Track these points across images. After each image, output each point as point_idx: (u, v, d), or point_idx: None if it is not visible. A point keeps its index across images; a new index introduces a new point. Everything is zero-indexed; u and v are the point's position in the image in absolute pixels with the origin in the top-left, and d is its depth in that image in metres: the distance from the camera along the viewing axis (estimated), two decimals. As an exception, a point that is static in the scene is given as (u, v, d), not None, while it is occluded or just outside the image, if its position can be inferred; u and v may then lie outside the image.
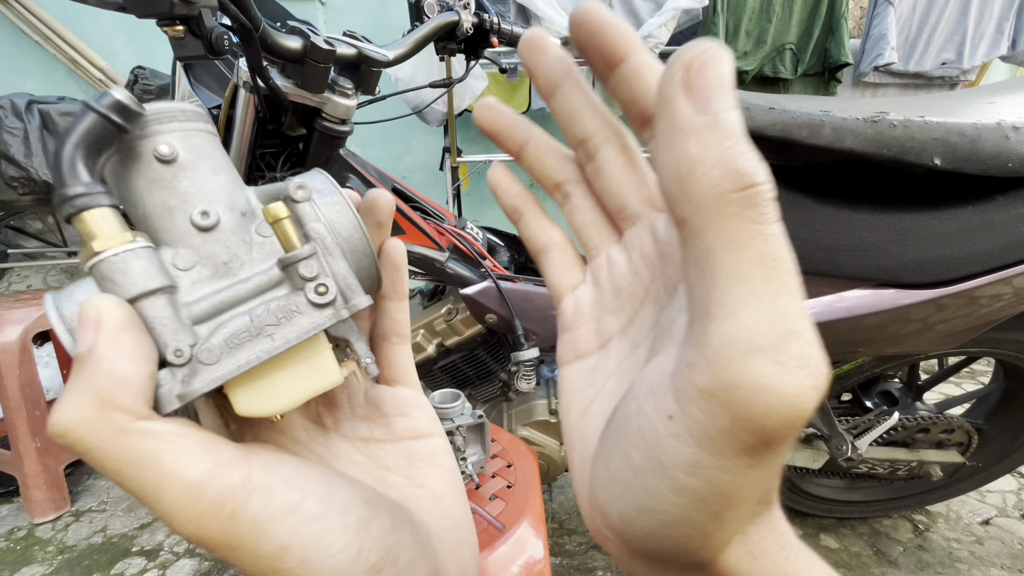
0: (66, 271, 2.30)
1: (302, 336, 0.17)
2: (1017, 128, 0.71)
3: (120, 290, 0.15)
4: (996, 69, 2.54)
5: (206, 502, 0.14)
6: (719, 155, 0.12)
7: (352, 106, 0.80)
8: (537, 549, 0.65)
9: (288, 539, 0.15)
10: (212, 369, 0.16)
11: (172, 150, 0.17)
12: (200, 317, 0.16)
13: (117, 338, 0.14)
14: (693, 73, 0.12)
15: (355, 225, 0.19)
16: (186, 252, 0.17)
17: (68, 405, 0.14)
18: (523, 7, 1.97)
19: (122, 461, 0.14)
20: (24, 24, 2.29)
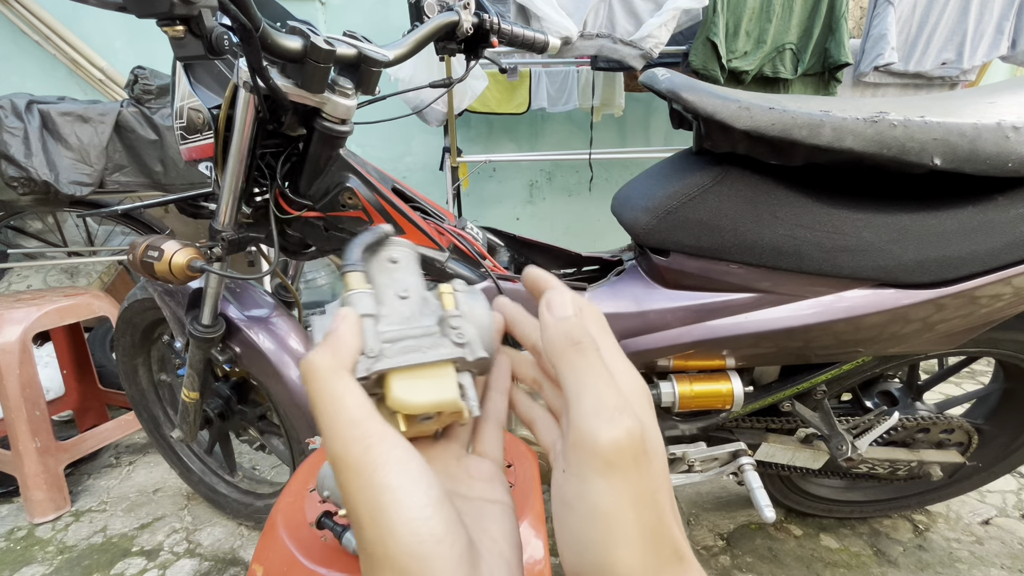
0: (66, 271, 2.30)
1: (441, 357, 0.26)
2: (1017, 128, 0.71)
3: (355, 309, 0.27)
4: (996, 69, 2.54)
5: (359, 431, 0.21)
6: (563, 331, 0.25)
7: (352, 106, 0.80)
8: (537, 549, 0.65)
9: (392, 480, 0.21)
10: (387, 360, 0.25)
11: (397, 258, 0.32)
12: (387, 339, 0.27)
13: (351, 327, 0.25)
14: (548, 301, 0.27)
15: (487, 316, 0.30)
16: (387, 310, 0.28)
17: (318, 352, 0.23)
18: (523, 7, 1.97)
19: (327, 393, 0.22)
20: (24, 24, 2.29)
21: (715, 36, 2.05)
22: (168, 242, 0.85)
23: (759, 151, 0.77)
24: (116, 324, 1.36)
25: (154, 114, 1.81)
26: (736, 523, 1.36)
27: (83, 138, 1.73)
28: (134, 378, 1.42)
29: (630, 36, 2.08)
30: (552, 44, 1.05)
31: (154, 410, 1.46)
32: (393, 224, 0.90)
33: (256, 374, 1.11)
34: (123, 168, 1.82)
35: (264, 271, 0.89)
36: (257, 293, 1.16)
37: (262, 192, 0.93)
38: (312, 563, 0.63)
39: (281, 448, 1.25)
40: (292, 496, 0.75)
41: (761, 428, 1.04)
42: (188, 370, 1.10)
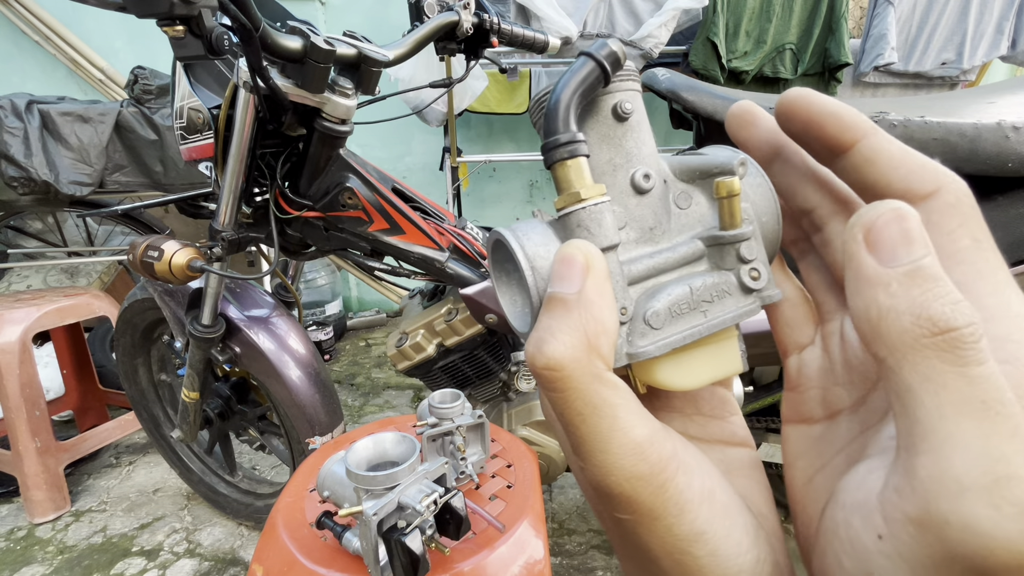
0: (66, 271, 2.30)
1: (735, 319, 0.17)
2: (1017, 128, 0.71)
3: (595, 239, 0.16)
4: (996, 69, 2.54)
5: (647, 465, 0.14)
6: (909, 303, 0.12)
7: (352, 106, 0.80)
8: (537, 549, 0.65)
9: (704, 526, 0.15)
10: (658, 335, 0.16)
11: (632, 108, 0.18)
12: (634, 278, 0.17)
13: (603, 286, 0.15)
14: (875, 232, 0.13)
15: (775, 211, 0.18)
16: (621, 211, 0.18)
17: (561, 342, 0.14)
18: (523, 7, 1.97)
19: (588, 406, 0.14)
20: (24, 24, 2.29)
21: (715, 36, 2.05)
22: (168, 242, 0.85)
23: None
24: (116, 324, 1.36)
25: (154, 114, 1.81)
26: (736, 523, 1.36)
27: (83, 138, 1.73)
28: (134, 378, 1.42)
29: (630, 36, 2.08)
30: (552, 44, 1.05)
31: (154, 410, 1.46)
32: (393, 224, 0.90)
33: (256, 374, 1.11)
34: (123, 168, 1.82)
35: (264, 271, 0.89)
36: (257, 293, 1.16)
37: (262, 192, 0.93)
38: (312, 563, 0.63)
39: (281, 448, 1.25)
40: (292, 496, 0.75)
41: (761, 428, 1.04)
42: (188, 370, 1.10)
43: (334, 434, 1.12)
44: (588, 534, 1.34)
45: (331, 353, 2.44)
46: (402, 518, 0.57)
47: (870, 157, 0.15)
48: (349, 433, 0.99)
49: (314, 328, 2.39)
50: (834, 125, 0.15)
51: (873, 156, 0.15)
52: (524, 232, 0.17)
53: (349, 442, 0.73)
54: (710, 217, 0.19)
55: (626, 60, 0.17)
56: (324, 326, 2.43)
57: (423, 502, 0.55)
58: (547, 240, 0.17)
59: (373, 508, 0.55)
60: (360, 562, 0.62)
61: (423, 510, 0.55)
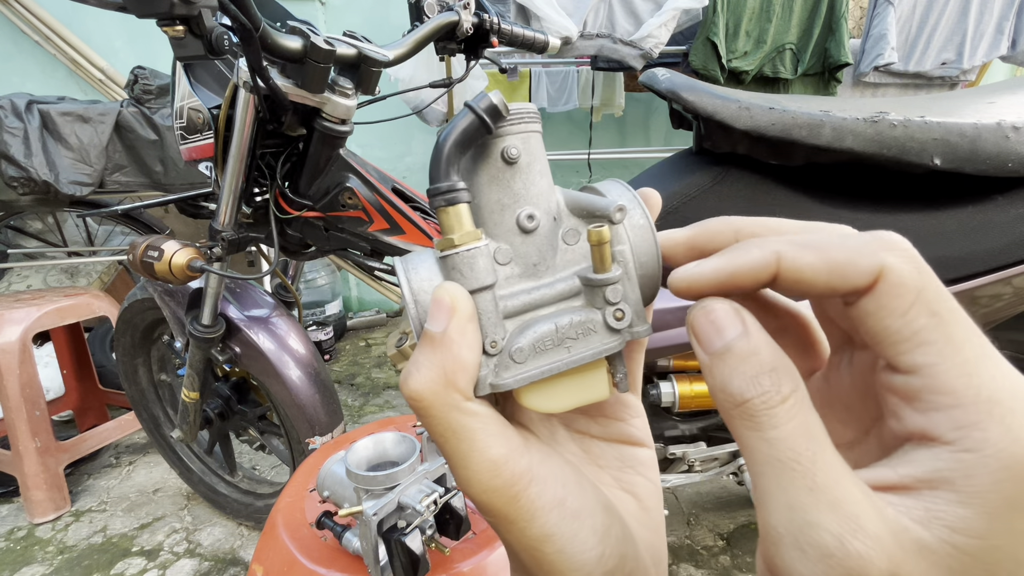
0: (66, 271, 2.30)
1: (595, 356, 0.18)
2: (1017, 128, 0.71)
3: (465, 282, 0.18)
4: (996, 69, 2.54)
5: (500, 480, 0.17)
6: (720, 381, 0.15)
7: (352, 106, 0.80)
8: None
9: (552, 529, 0.17)
10: (520, 368, 0.18)
11: (518, 152, 0.19)
12: (510, 312, 0.18)
13: (465, 327, 0.17)
14: (694, 328, 0.16)
15: (653, 251, 0.19)
16: (507, 248, 0.19)
17: (423, 376, 0.17)
18: (523, 7, 1.97)
19: (448, 431, 0.17)
20: (24, 24, 2.29)
21: (715, 36, 2.05)
22: (168, 242, 0.85)
23: (759, 151, 0.77)
24: (116, 324, 1.36)
25: (154, 114, 1.81)
26: (736, 523, 1.36)
27: (83, 138, 1.73)
28: (134, 378, 1.42)
29: (630, 36, 2.08)
30: (552, 44, 1.05)
31: (154, 410, 1.46)
32: (393, 224, 0.90)
33: (256, 374, 1.11)
34: (123, 168, 1.82)
35: (264, 271, 0.89)
36: (257, 293, 1.16)
37: (262, 192, 0.93)
38: (312, 563, 0.63)
39: (281, 448, 1.25)
40: (292, 496, 0.75)
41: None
42: (188, 370, 1.10)
43: (334, 434, 1.12)
44: (588, 534, 1.34)
45: (331, 353, 2.44)
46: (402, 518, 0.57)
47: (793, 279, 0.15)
48: (349, 433, 0.99)
49: (314, 328, 2.39)
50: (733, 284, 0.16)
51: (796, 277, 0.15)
52: (414, 267, 0.19)
53: (349, 442, 0.73)
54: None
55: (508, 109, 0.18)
56: (324, 326, 2.43)
57: (423, 502, 0.55)
58: (432, 276, 0.18)
59: (373, 508, 0.55)
60: (360, 562, 0.62)
61: (423, 510, 0.55)
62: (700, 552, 1.27)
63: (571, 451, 0.22)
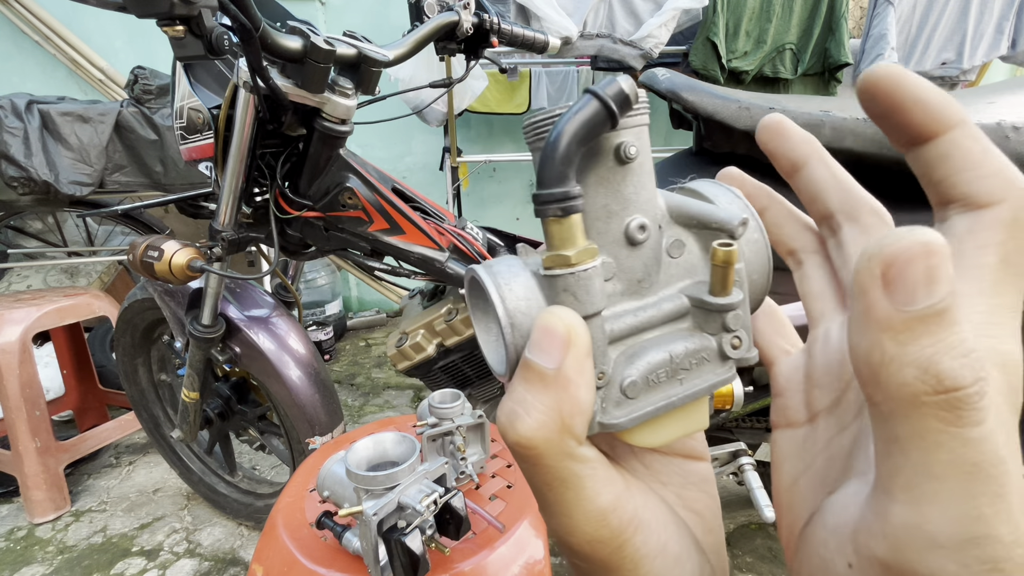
0: (66, 271, 2.30)
1: (710, 389, 0.16)
2: (1017, 128, 0.71)
3: (579, 307, 0.15)
4: (996, 69, 2.54)
5: (608, 530, 0.16)
6: (917, 354, 0.11)
7: (352, 106, 0.80)
8: (537, 549, 0.65)
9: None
10: (634, 405, 0.16)
11: (637, 150, 0.16)
12: (616, 337, 0.16)
13: (583, 364, 0.15)
14: (895, 269, 0.11)
15: (766, 268, 0.18)
16: (610, 262, 0.16)
17: (535, 420, 0.14)
18: (523, 7, 1.97)
19: (556, 479, 0.15)
20: (24, 24, 2.29)
21: (715, 36, 2.05)
22: (168, 242, 0.85)
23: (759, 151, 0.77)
24: (116, 324, 1.36)
25: (154, 114, 1.81)
26: (736, 523, 1.36)
27: (83, 138, 1.73)
28: (134, 378, 1.42)
29: (630, 36, 2.08)
30: (552, 44, 1.05)
31: (154, 410, 1.46)
32: (393, 224, 0.90)
33: (256, 374, 1.11)
34: (123, 168, 1.82)
35: (264, 271, 0.89)
36: (257, 293, 1.16)
37: (262, 192, 0.93)
38: (312, 563, 0.63)
39: (281, 448, 1.25)
40: (292, 496, 0.75)
41: (761, 428, 1.04)
42: (188, 370, 1.10)
43: (334, 434, 1.12)
44: (588, 534, 1.34)
45: (331, 353, 2.44)
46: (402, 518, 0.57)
47: (946, 153, 0.15)
48: (349, 433, 0.99)
49: (314, 328, 2.39)
50: (919, 115, 0.15)
51: (949, 153, 0.14)
52: (506, 280, 0.16)
53: (349, 442, 0.73)
54: (700, 269, 0.18)
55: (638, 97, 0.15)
56: (324, 326, 2.43)
57: (423, 502, 0.55)
58: (529, 295, 0.16)
59: (373, 508, 0.55)
60: (360, 562, 0.62)
61: (423, 510, 0.55)
62: (700, 552, 1.27)
63: (633, 467, 0.20)
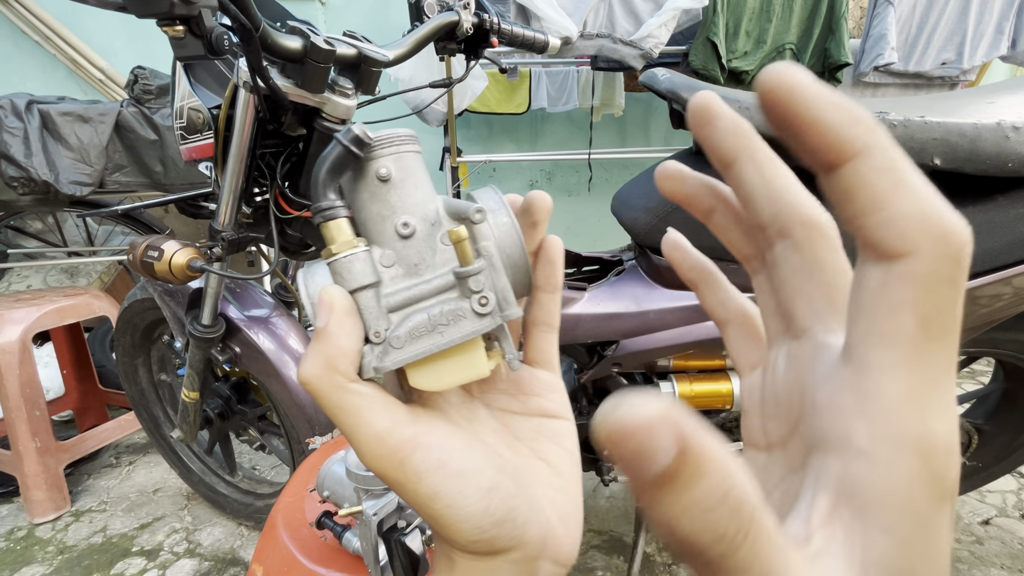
0: (66, 271, 2.30)
1: (463, 338, 0.21)
2: (1017, 128, 0.71)
3: (345, 283, 0.21)
4: (996, 69, 2.54)
5: (386, 448, 0.19)
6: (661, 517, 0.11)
7: (352, 106, 0.80)
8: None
9: (437, 487, 0.20)
10: (398, 353, 0.21)
11: (388, 171, 0.22)
12: (394, 307, 0.21)
13: (342, 321, 0.20)
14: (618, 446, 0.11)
15: (517, 243, 0.23)
16: (389, 253, 0.22)
17: (309, 363, 0.19)
18: (523, 7, 1.97)
19: (336, 408, 0.19)
20: (24, 24, 2.29)
21: (715, 36, 2.05)
22: (168, 242, 0.85)
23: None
24: (116, 324, 1.36)
25: (154, 114, 1.81)
26: (736, 523, 1.36)
27: (83, 138, 1.73)
28: (134, 378, 1.42)
29: (630, 36, 2.08)
30: (552, 44, 1.05)
31: (154, 410, 1.46)
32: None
33: (256, 374, 1.11)
34: (123, 168, 1.82)
35: (264, 271, 0.89)
36: (257, 293, 1.16)
37: (262, 192, 0.93)
38: (312, 563, 0.63)
39: (281, 448, 1.25)
40: (292, 496, 0.75)
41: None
42: (188, 370, 1.10)
43: (334, 434, 1.12)
44: (588, 534, 1.34)
45: (331, 353, 2.43)
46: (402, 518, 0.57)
47: (849, 189, 0.13)
48: (349, 433, 0.98)
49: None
50: (815, 139, 0.13)
51: (852, 189, 0.12)
52: (312, 275, 0.22)
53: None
54: None
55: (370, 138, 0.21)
56: (324, 326, 2.42)
57: (423, 502, 0.55)
58: (325, 281, 0.21)
59: (373, 508, 0.55)
60: (360, 562, 0.62)
61: (423, 510, 0.55)
62: (700, 552, 1.27)
63: (491, 427, 0.24)
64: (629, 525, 1.36)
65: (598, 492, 1.50)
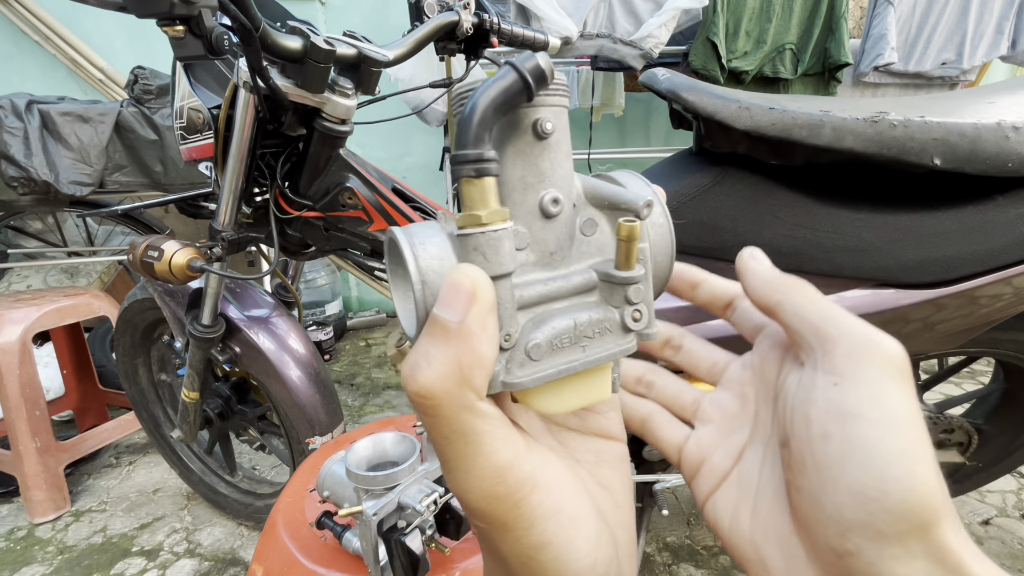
0: (66, 271, 2.30)
1: (611, 357, 0.17)
2: (1017, 128, 0.71)
3: (488, 266, 0.16)
4: (996, 69, 2.53)
5: (503, 487, 0.16)
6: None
7: (352, 106, 0.80)
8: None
9: (550, 537, 0.16)
10: (536, 367, 0.16)
11: (552, 127, 0.17)
12: (525, 303, 0.17)
13: (486, 319, 0.15)
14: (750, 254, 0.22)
15: (669, 250, 0.19)
16: (525, 232, 0.17)
17: (435, 371, 0.15)
18: (523, 7, 1.97)
19: (455, 433, 0.15)
20: (24, 24, 2.29)
21: (715, 36, 2.05)
22: (168, 242, 0.85)
23: (759, 151, 0.77)
24: (116, 324, 1.36)
25: (154, 114, 1.81)
26: (736, 523, 1.36)
27: (83, 138, 1.73)
28: (134, 378, 1.42)
29: (630, 36, 2.08)
30: (552, 44, 1.05)
31: (154, 410, 1.46)
32: (393, 224, 0.90)
33: (256, 374, 1.11)
34: (123, 168, 1.82)
35: (264, 271, 0.89)
36: (257, 293, 1.16)
37: (262, 192, 0.93)
38: (312, 563, 0.63)
39: (281, 448, 1.25)
40: (292, 496, 0.75)
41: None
42: (188, 370, 1.10)
43: (334, 434, 1.12)
44: (588, 534, 1.34)
45: (331, 353, 2.44)
46: (402, 518, 0.57)
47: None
48: (349, 433, 0.99)
49: (314, 328, 2.39)
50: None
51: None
52: (420, 241, 0.16)
53: (349, 442, 0.73)
54: (610, 248, 0.19)
55: (553, 76, 0.17)
56: (324, 326, 2.43)
57: (423, 502, 0.55)
58: (443, 254, 0.16)
59: (373, 508, 0.55)
60: (360, 562, 0.62)
61: (423, 510, 0.55)
62: (700, 552, 1.27)
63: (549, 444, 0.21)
64: (629, 525, 1.36)
65: (598, 492, 1.49)
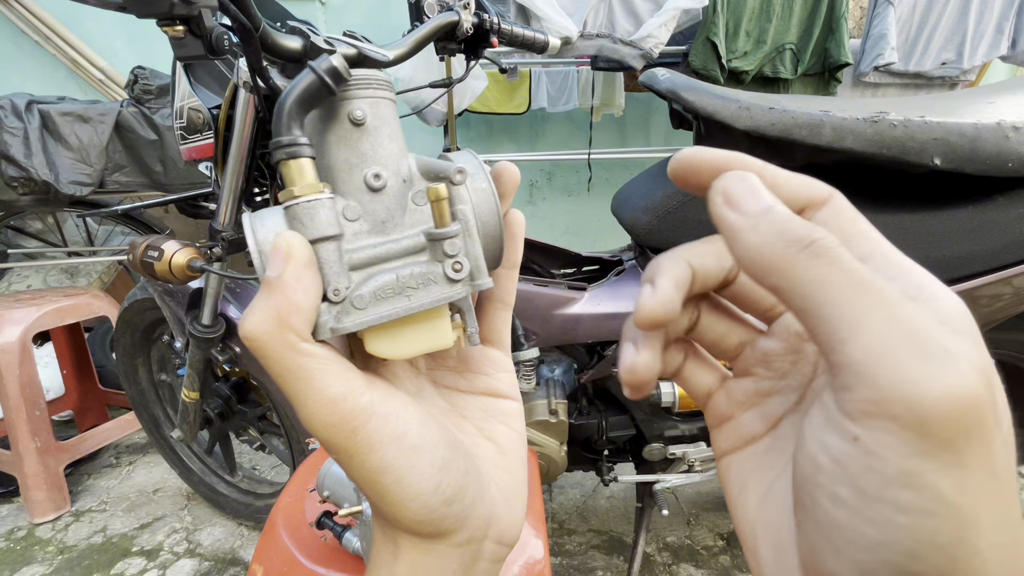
0: (66, 271, 2.30)
1: (433, 304, 0.20)
2: (1017, 128, 0.71)
3: (306, 231, 0.18)
4: (996, 69, 2.54)
5: (338, 416, 0.18)
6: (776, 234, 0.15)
7: (352, 106, 0.80)
8: (537, 549, 0.65)
9: (390, 460, 0.19)
10: (360, 314, 0.19)
11: (364, 114, 0.20)
12: (356, 265, 0.19)
13: (300, 273, 0.18)
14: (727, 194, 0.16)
15: (494, 211, 0.21)
16: (355, 206, 0.20)
17: (257, 318, 0.17)
18: (523, 7, 1.97)
19: (285, 370, 0.17)
20: (24, 24, 2.29)
21: (715, 36, 2.05)
22: (168, 242, 0.84)
23: (759, 151, 0.77)
24: (116, 324, 1.36)
25: (154, 114, 1.81)
26: (736, 523, 1.36)
27: (83, 138, 1.73)
28: (134, 378, 1.42)
29: (630, 36, 2.08)
30: (552, 44, 1.05)
31: (154, 410, 1.46)
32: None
33: (256, 374, 1.11)
34: (123, 168, 1.82)
35: (264, 271, 0.89)
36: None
37: (262, 192, 0.93)
38: (312, 563, 0.63)
39: (281, 448, 1.25)
40: (292, 496, 0.75)
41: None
42: (188, 370, 1.10)
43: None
44: (588, 534, 1.34)
45: (331, 353, 2.43)
46: (402, 518, 0.57)
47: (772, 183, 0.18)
48: (349, 433, 0.98)
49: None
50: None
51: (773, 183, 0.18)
52: (261, 221, 0.19)
53: (349, 442, 0.73)
54: None
55: (350, 74, 0.19)
56: (324, 326, 2.42)
57: (423, 502, 0.55)
58: (277, 227, 0.19)
59: (373, 508, 0.55)
60: (360, 562, 0.62)
61: (423, 510, 0.55)
62: (700, 552, 1.27)
63: (437, 404, 0.23)
64: (629, 525, 1.36)
65: (598, 492, 1.50)
